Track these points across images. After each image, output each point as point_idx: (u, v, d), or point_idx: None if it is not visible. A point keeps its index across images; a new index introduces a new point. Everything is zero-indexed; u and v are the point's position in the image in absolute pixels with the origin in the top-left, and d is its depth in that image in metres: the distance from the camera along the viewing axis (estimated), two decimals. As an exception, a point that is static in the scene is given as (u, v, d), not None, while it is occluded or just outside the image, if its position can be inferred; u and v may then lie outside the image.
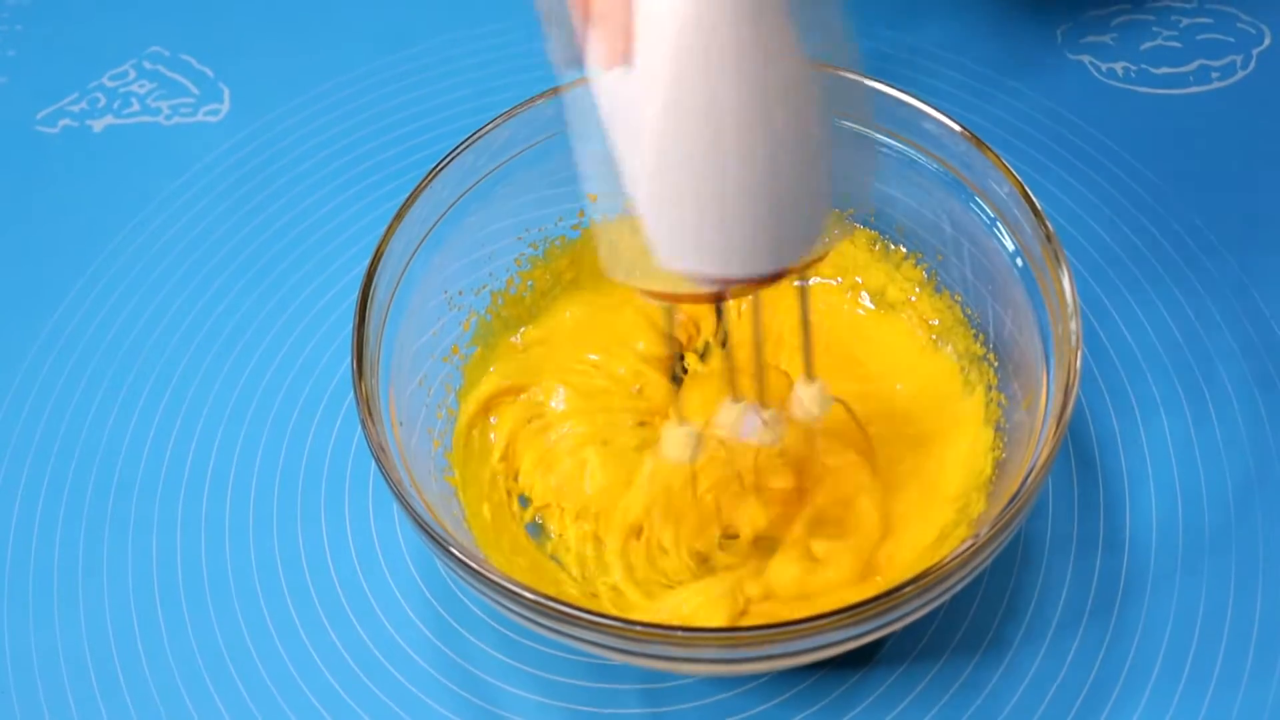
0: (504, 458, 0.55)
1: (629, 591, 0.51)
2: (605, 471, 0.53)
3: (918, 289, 0.57)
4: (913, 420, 0.55)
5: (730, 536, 0.52)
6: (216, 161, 0.69)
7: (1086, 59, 0.71)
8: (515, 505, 0.54)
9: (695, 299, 0.42)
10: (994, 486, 0.49)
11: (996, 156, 0.50)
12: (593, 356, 0.57)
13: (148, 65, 0.75)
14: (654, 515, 0.52)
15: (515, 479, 0.55)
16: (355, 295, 0.49)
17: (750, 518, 0.51)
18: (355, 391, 0.47)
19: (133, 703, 0.51)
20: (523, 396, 0.56)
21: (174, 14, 0.77)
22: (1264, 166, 0.66)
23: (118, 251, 0.66)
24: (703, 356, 0.58)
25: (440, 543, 0.43)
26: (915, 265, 0.56)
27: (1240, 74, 0.70)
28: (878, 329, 0.57)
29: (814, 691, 0.50)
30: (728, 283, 0.41)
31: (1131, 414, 0.57)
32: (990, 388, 0.53)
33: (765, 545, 0.51)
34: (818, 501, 0.51)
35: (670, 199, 0.38)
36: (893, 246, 0.57)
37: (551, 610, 0.41)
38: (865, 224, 0.57)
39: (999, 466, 0.50)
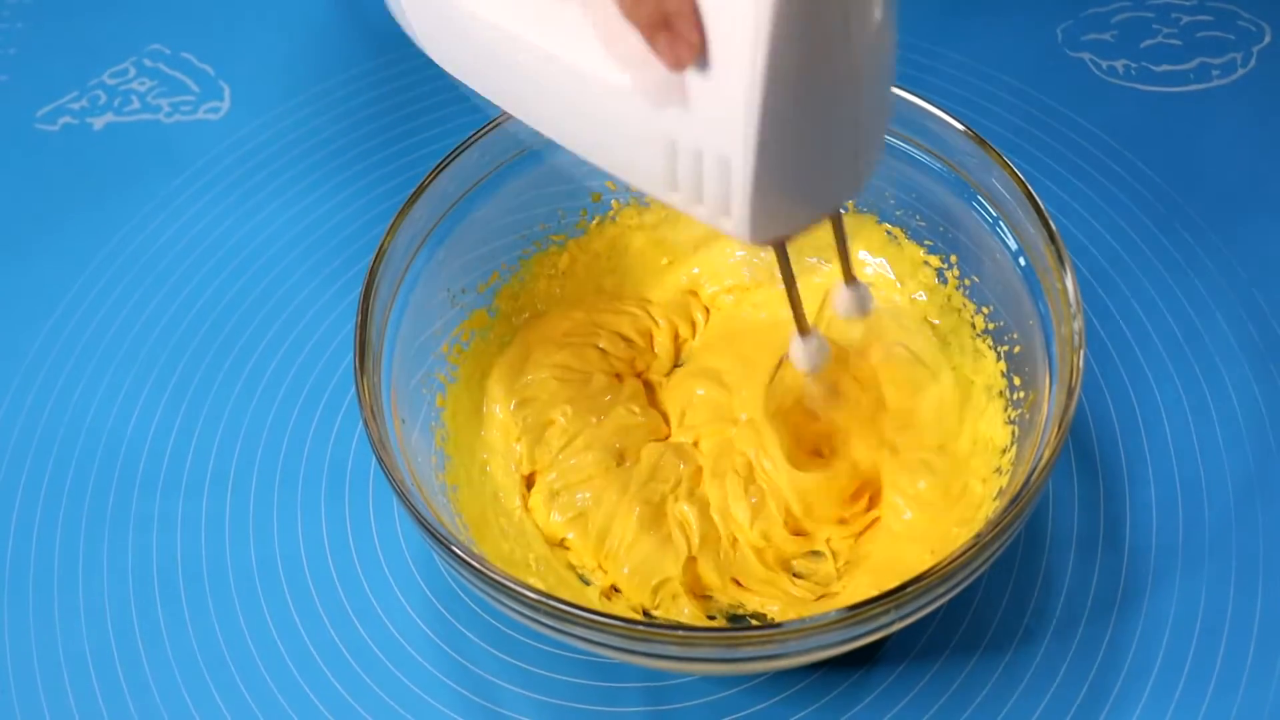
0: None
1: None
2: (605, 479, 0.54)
3: (922, 290, 0.56)
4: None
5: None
6: (217, 159, 0.69)
7: (1087, 56, 0.71)
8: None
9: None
10: (995, 486, 0.49)
11: (999, 155, 0.50)
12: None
13: (148, 63, 0.74)
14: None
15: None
16: (356, 292, 0.49)
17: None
18: (357, 388, 0.47)
19: (133, 702, 0.51)
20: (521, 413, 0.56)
21: (174, 12, 0.77)
22: (1265, 164, 0.65)
23: (118, 249, 0.66)
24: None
25: (441, 540, 0.43)
26: (918, 264, 0.56)
27: (1241, 71, 0.70)
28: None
29: (814, 690, 0.50)
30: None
31: (1132, 413, 0.57)
32: (991, 387, 0.53)
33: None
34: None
35: (768, 179, 0.37)
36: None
37: (551, 608, 0.41)
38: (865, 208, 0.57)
39: (1000, 466, 0.50)
